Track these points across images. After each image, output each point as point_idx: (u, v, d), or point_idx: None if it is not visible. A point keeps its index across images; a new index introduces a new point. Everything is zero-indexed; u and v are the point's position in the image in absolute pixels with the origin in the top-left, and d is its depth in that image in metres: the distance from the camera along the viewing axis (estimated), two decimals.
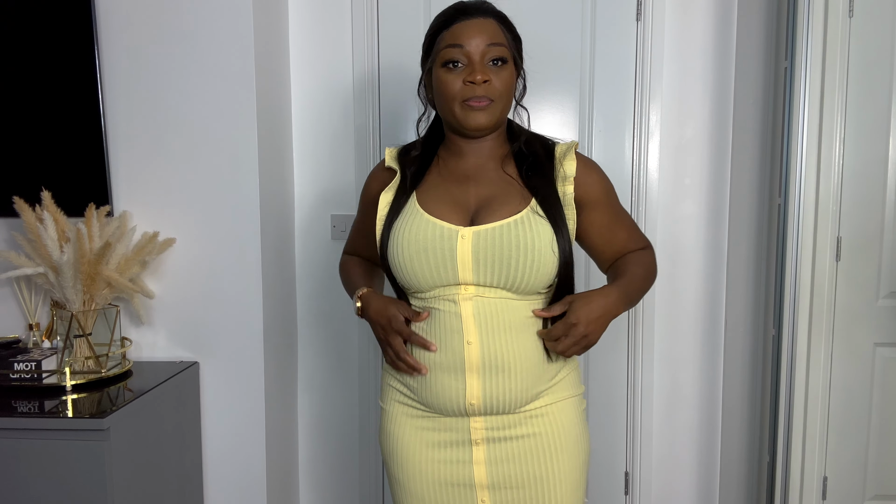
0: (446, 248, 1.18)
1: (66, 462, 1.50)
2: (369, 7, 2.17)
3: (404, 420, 1.30)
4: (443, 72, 1.20)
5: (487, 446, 1.24)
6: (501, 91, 1.20)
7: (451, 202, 1.23)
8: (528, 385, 1.22)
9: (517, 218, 1.19)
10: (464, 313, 1.20)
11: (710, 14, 2.15)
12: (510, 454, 1.24)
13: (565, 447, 1.26)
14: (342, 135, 2.23)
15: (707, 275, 2.24)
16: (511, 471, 1.24)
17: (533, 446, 1.24)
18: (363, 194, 1.40)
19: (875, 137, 1.87)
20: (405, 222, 1.22)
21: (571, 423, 1.28)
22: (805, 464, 1.91)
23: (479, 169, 1.26)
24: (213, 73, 1.85)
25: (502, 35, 1.21)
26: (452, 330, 1.20)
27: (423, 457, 1.27)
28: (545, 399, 1.25)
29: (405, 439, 1.29)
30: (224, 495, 1.98)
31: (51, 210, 1.73)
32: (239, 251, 1.90)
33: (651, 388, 2.26)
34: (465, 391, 1.21)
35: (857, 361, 1.94)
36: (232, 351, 1.93)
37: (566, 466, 1.26)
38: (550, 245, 1.18)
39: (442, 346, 1.21)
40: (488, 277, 1.18)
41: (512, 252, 1.17)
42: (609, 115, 2.20)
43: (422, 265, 1.19)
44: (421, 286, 1.22)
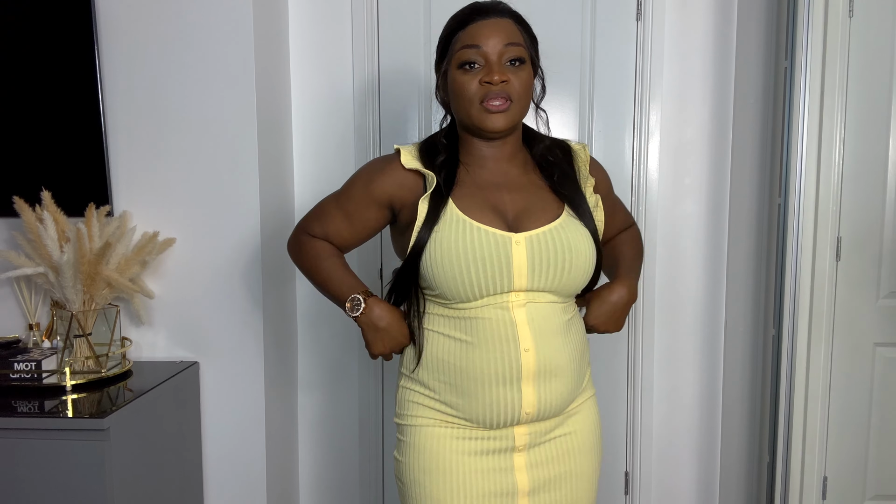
0: (502, 255, 1.14)
1: (66, 462, 1.50)
2: (369, 7, 2.17)
3: (440, 432, 1.22)
4: (459, 73, 1.17)
5: (528, 451, 1.23)
6: (520, 91, 1.17)
7: (489, 209, 1.19)
8: (573, 386, 1.24)
9: (560, 222, 1.20)
10: (518, 320, 1.16)
11: (710, 14, 2.15)
12: (548, 456, 1.24)
13: (593, 444, 1.30)
14: (342, 135, 2.23)
15: (707, 275, 2.24)
16: (548, 473, 1.24)
17: (568, 445, 1.26)
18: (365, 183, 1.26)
19: (875, 137, 1.87)
20: (449, 230, 1.15)
21: (596, 421, 1.32)
22: (805, 464, 1.91)
23: (505, 175, 1.24)
24: (213, 73, 1.85)
25: (519, 35, 1.19)
26: (507, 339, 1.16)
27: (465, 468, 1.20)
28: (581, 398, 1.29)
29: (443, 453, 1.21)
30: (224, 495, 1.98)
31: (51, 210, 1.73)
32: (239, 251, 1.90)
33: (651, 387, 2.26)
34: (521, 400, 1.17)
35: (857, 361, 1.94)
36: (232, 351, 1.93)
37: (593, 463, 1.30)
38: (590, 248, 1.21)
39: (495, 356, 1.16)
40: (541, 282, 1.17)
41: (564, 255, 1.17)
42: (609, 115, 2.20)
43: (474, 275, 1.14)
44: (469, 296, 1.16)
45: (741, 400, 2.14)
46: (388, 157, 1.27)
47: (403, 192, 1.23)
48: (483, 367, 1.17)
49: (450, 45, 1.20)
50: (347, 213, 1.28)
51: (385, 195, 1.25)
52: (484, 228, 1.15)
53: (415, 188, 1.23)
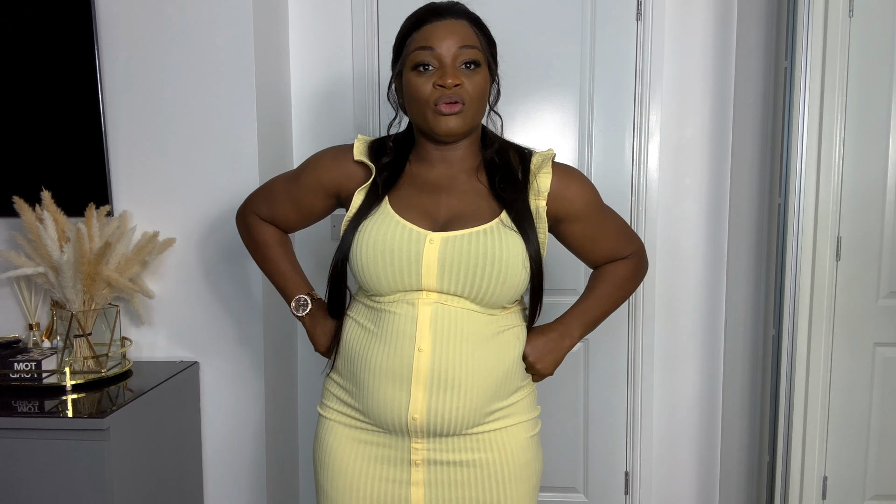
0: (413, 250, 1.13)
1: (66, 462, 1.50)
2: (369, 7, 2.17)
3: (341, 430, 1.24)
4: (413, 75, 1.15)
5: (428, 468, 1.18)
6: (474, 95, 1.14)
7: (421, 210, 1.18)
8: (478, 405, 1.16)
9: (486, 227, 1.15)
10: (420, 317, 1.14)
11: (710, 14, 2.15)
12: (452, 478, 1.19)
13: (514, 475, 1.20)
14: (342, 135, 2.23)
15: (707, 275, 2.24)
16: (452, 496, 1.19)
17: (478, 474, 1.19)
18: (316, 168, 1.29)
19: (875, 137, 1.87)
20: (373, 222, 1.17)
21: (521, 449, 1.21)
22: (805, 464, 1.91)
23: (450, 179, 1.21)
24: (213, 72, 1.85)
25: (475, 37, 1.16)
26: (404, 334, 1.14)
27: (358, 471, 1.21)
28: (496, 423, 1.19)
29: (340, 450, 1.23)
30: (224, 495, 1.98)
31: (51, 210, 1.73)
32: (239, 251, 1.90)
33: (651, 388, 2.26)
34: (409, 404, 1.14)
35: (857, 361, 1.94)
36: (232, 351, 1.93)
37: (516, 494, 1.21)
38: (521, 259, 1.14)
39: (391, 351, 1.15)
40: (452, 285, 1.13)
41: (479, 261, 1.12)
42: (609, 115, 2.20)
43: (385, 267, 1.14)
44: (381, 289, 1.16)
45: (741, 400, 2.14)
46: (343, 147, 1.28)
47: (350, 183, 1.25)
48: (378, 359, 1.16)
49: (405, 45, 1.18)
50: (295, 198, 1.32)
51: (333, 183, 1.27)
52: (402, 223, 1.15)
53: (360, 180, 1.24)
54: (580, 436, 2.30)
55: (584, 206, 1.25)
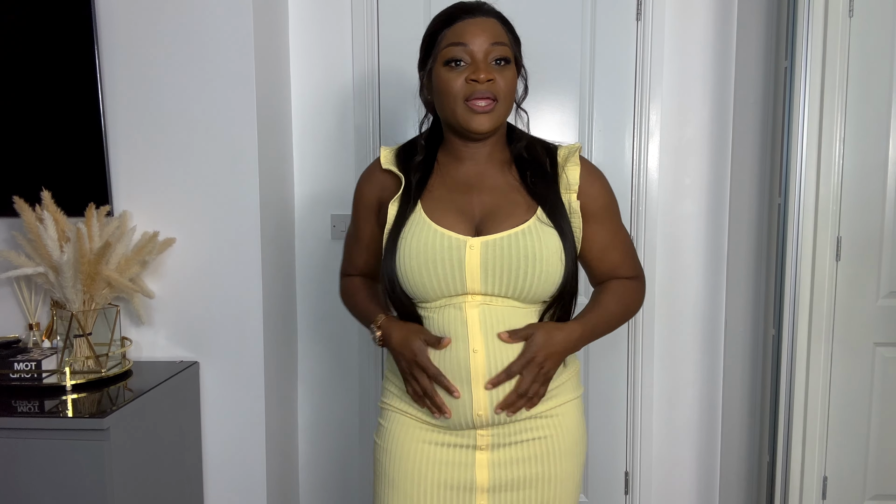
0: (455, 258, 1.15)
1: (66, 462, 1.50)
2: (369, 7, 2.18)
3: (406, 420, 1.26)
4: (444, 70, 1.17)
5: (492, 451, 1.23)
6: (505, 90, 1.17)
7: (456, 211, 1.20)
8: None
9: (524, 227, 1.17)
10: (469, 320, 1.17)
11: (710, 14, 2.15)
12: (515, 457, 1.23)
13: (569, 449, 1.26)
14: (342, 135, 2.23)
15: (707, 275, 2.24)
16: (515, 473, 1.23)
17: (538, 449, 1.23)
18: (358, 199, 1.34)
19: (875, 137, 1.87)
20: (412, 232, 1.18)
21: (574, 426, 1.27)
22: (805, 464, 1.91)
23: (481, 175, 1.24)
24: (213, 73, 1.85)
25: (505, 35, 1.19)
26: (457, 338, 1.17)
27: (423, 456, 1.24)
28: (549, 403, 1.24)
29: (405, 438, 1.25)
30: (224, 495, 1.98)
31: (51, 210, 1.73)
32: (239, 251, 1.90)
33: (651, 387, 2.26)
34: (472, 402, 1.18)
35: (857, 361, 1.94)
36: (232, 351, 1.93)
37: (569, 468, 1.26)
38: (558, 254, 1.16)
39: (446, 355, 1.18)
40: (496, 287, 1.17)
41: (521, 262, 1.15)
42: (609, 115, 2.20)
43: (430, 276, 1.16)
44: (428, 296, 1.19)
45: (741, 400, 2.14)
46: (371, 165, 1.34)
47: (385, 194, 1.28)
48: (438, 365, 1.18)
49: (435, 43, 1.20)
50: (359, 240, 1.37)
51: (372, 200, 1.31)
52: (441, 231, 1.17)
53: (394, 189, 1.26)
54: None
55: (604, 208, 1.26)
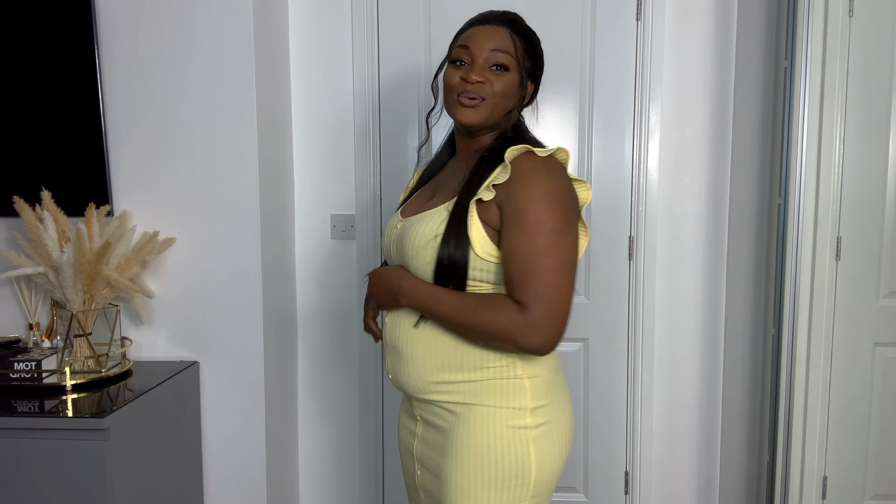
0: (388, 236, 1.35)
1: (66, 462, 1.50)
2: (369, 8, 2.18)
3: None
4: (449, 68, 1.30)
5: (422, 425, 1.33)
6: (494, 93, 1.25)
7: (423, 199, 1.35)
8: (423, 373, 1.25)
9: (432, 210, 1.25)
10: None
11: (710, 14, 2.15)
12: (430, 439, 1.30)
13: (456, 453, 1.20)
14: (342, 135, 2.23)
15: (707, 275, 2.24)
16: (429, 454, 1.31)
17: (442, 440, 1.25)
18: None
19: (875, 137, 1.87)
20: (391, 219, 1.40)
21: (473, 432, 1.19)
22: (805, 463, 1.91)
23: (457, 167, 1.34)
24: (213, 73, 1.85)
25: (510, 44, 1.26)
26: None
27: (399, 421, 1.44)
28: (451, 396, 1.23)
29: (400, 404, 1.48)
30: (224, 495, 1.98)
31: (51, 210, 1.73)
32: (239, 251, 1.90)
33: (651, 388, 2.26)
34: (385, 366, 1.36)
35: (857, 361, 1.94)
36: (232, 351, 1.93)
37: (454, 472, 1.20)
38: (433, 240, 1.19)
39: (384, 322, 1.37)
40: (398, 259, 1.31)
41: (409, 240, 1.24)
42: (609, 115, 2.20)
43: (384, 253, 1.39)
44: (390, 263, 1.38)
45: (741, 400, 2.14)
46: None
47: None
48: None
49: (451, 45, 1.33)
50: None
51: None
52: (395, 215, 1.37)
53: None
54: (580, 436, 2.30)
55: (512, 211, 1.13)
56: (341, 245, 2.27)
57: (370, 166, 2.23)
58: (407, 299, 1.23)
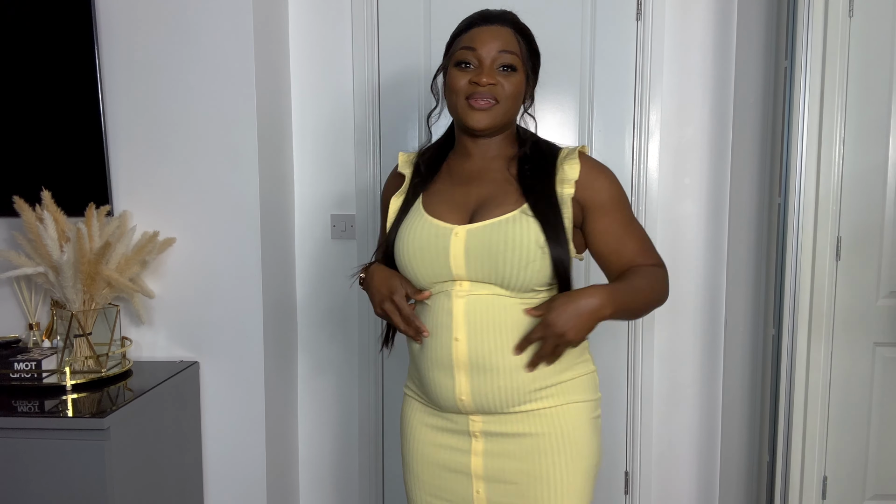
0: (441, 245, 1.23)
1: (66, 462, 1.50)
2: (369, 7, 2.18)
3: (415, 405, 1.37)
4: (454, 70, 1.26)
5: (485, 439, 1.27)
6: (506, 94, 1.24)
7: (452, 203, 1.28)
8: (517, 385, 1.23)
9: (508, 217, 1.22)
10: (455, 310, 1.23)
11: (710, 14, 2.15)
12: (507, 450, 1.26)
13: (566, 449, 1.26)
14: (342, 135, 2.23)
15: (707, 275, 2.24)
16: (507, 466, 1.26)
17: (531, 445, 1.25)
18: (381, 203, 1.46)
19: (875, 137, 1.87)
20: (409, 223, 1.28)
21: (575, 427, 1.26)
22: (805, 464, 1.91)
23: (483, 170, 1.30)
24: (213, 73, 1.85)
25: (516, 45, 1.25)
26: (442, 325, 1.24)
27: (426, 439, 1.33)
28: (548, 401, 1.25)
29: (414, 421, 1.36)
30: (224, 495, 1.98)
31: (51, 210, 1.73)
32: (239, 251, 1.90)
33: (651, 387, 2.26)
34: (455, 388, 1.24)
35: (857, 361, 1.94)
36: (232, 351, 1.93)
37: (567, 469, 1.25)
38: (537, 242, 1.19)
39: (434, 342, 1.26)
40: (479, 273, 1.22)
41: (499, 247, 1.20)
42: (609, 115, 2.20)
43: (420, 263, 1.25)
44: (420, 282, 1.27)
45: (741, 400, 2.14)
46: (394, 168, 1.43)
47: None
48: (427, 349, 1.27)
49: (453, 44, 1.29)
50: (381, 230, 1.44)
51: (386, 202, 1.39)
52: (431, 221, 1.26)
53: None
54: None
55: (611, 199, 1.29)
56: (341, 245, 2.27)
57: (370, 166, 2.23)
58: (612, 311, 1.17)
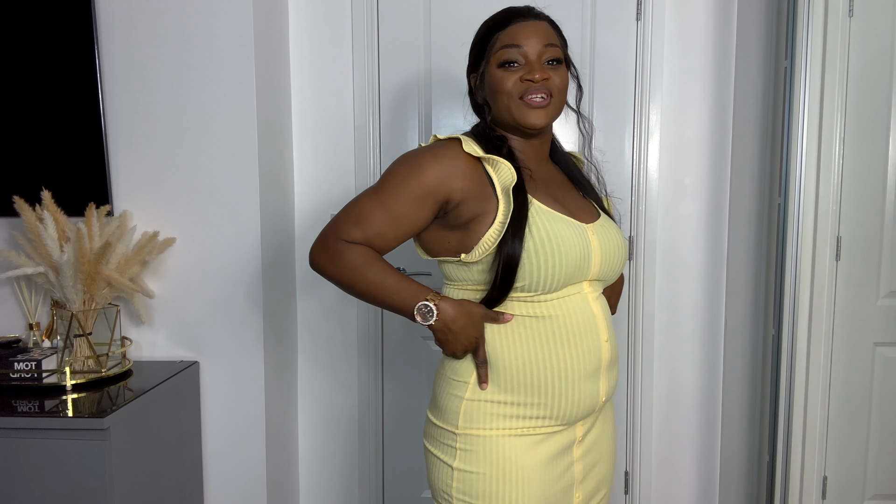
0: (584, 244, 1.17)
1: (66, 462, 1.50)
2: (369, 8, 2.18)
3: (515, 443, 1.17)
4: (499, 71, 1.19)
5: (584, 441, 1.26)
6: (558, 88, 1.21)
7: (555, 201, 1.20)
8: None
9: (604, 218, 1.28)
10: (596, 312, 1.22)
11: (710, 14, 2.15)
12: (593, 438, 1.28)
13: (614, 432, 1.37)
14: (342, 135, 2.23)
15: (707, 274, 2.24)
16: (593, 457, 1.28)
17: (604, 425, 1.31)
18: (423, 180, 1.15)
19: (875, 137, 1.87)
20: (539, 220, 1.14)
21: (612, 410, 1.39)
22: (805, 464, 1.91)
23: (547, 172, 1.30)
24: (213, 73, 1.85)
25: (556, 37, 1.24)
26: (588, 331, 1.19)
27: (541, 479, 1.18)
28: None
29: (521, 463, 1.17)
30: (224, 495, 1.98)
31: (51, 209, 1.73)
32: (239, 251, 1.90)
33: (651, 387, 2.26)
34: (600, 390, 1.23)
35: (857, 361, 1.94)
36: (232, 351, 1.93)
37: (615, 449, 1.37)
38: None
39: (582, 349, 1.18)
40: (606, 272, 1.23)
41: (622, 246, 1.26)
42: (609, 115, 2.20)
43: (564, 263, 1.14)
44: (556, 285, 1.15)
45: (741, 400, 2.14)
46: (443, 146, 1.18)
47: (468, 184, 1.15)
48: (572, 362, 1.17)
49: (487, 46, 1.21)
50: (394, 213, 1.16)
51: (445, 188, 1.14)
52: (566, 218, 1.17)
53: (479, 179, 1.16)
54: None
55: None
56: None
57: (370, 166, 2.23)
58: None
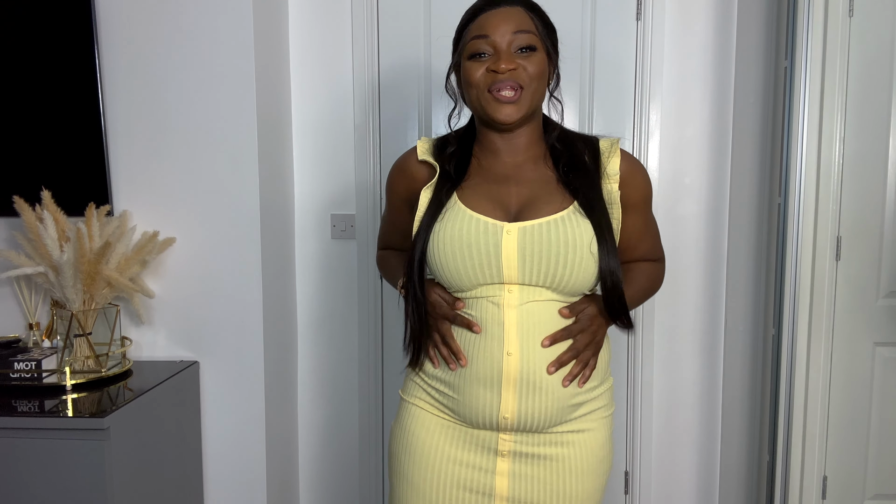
0: (490, 243, 1.13)
1: (66, 462, 1.50)
2: (369, 7, 2.18)
3: (428, 417, 1.24)
4: (469, 64, 1.16)
5: (513, 459, 1.20)
6: (530, 76, 1.14)
7: (492, 200, 1.18)
8: (564, 402, 1.17)
9: (562, 215, 1.14)
10: (507, 322, 1.14)
11: (710, 14, 2.15)
12: (535, 472, 1.20)
13: (592, 468, 1.22)
14: (342, 135, 2.23)
15: (707, 274, 2.24)
16: (534, 488, 1.20)
17: (560, 468, 1.20)
18: (391, 190, 1.33)
19: (875, 137, 1.87)
20: (447, 219, 1.16)
21: (601, 444, 1.23)
22: (805, 464, 1.91)
23: (517, 168, 1.22)
24: (213, 73, 1.85)
25: (530, 22, 1.16)
26: (493, 338, 1.15)
27: (444, 456, 1.22)
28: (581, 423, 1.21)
29: (425, 436, 1.23)
30: (224, 495, 1.98)
31: (51, 209, 1.73)
32: (239, 251, 1.90)
33: (651, 388, 2.26)
34: (500, 405, 1.15)
35: (856, 361, 1.94)
36: (232, 351, 1.93)
37: (590, 487, 1.23)
38: (589, 246, 1.13)
39: (480, 355, 1.15)
40: (533, 275, 1.13)
41: (560, 248, 1.12)
42: (609, 115, 2.20)
43: (465, 262, 1.14)
44: (463, 284, 1.16)
45: (741, 400, 2.14)
46: (405, 155, 1.30)
47: (418, 185, 1.24)
48: (470, 364, 1.17)
49: (462, 37, 1.19)
50: (392, 222, 1.38)
51: (406, 191, 1.28)
52: (477, 217, 1.15)
53: (426, 180, 1.24)
54: None
55: (644, 199, 1.26)
56: (341, 245, 2.27)
57: (370, 166, 2.23)
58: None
